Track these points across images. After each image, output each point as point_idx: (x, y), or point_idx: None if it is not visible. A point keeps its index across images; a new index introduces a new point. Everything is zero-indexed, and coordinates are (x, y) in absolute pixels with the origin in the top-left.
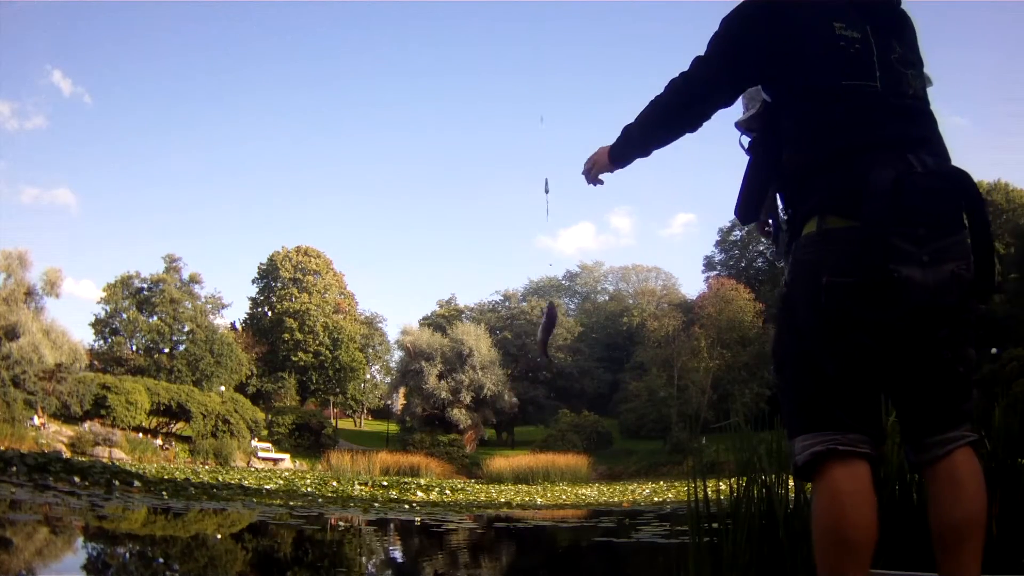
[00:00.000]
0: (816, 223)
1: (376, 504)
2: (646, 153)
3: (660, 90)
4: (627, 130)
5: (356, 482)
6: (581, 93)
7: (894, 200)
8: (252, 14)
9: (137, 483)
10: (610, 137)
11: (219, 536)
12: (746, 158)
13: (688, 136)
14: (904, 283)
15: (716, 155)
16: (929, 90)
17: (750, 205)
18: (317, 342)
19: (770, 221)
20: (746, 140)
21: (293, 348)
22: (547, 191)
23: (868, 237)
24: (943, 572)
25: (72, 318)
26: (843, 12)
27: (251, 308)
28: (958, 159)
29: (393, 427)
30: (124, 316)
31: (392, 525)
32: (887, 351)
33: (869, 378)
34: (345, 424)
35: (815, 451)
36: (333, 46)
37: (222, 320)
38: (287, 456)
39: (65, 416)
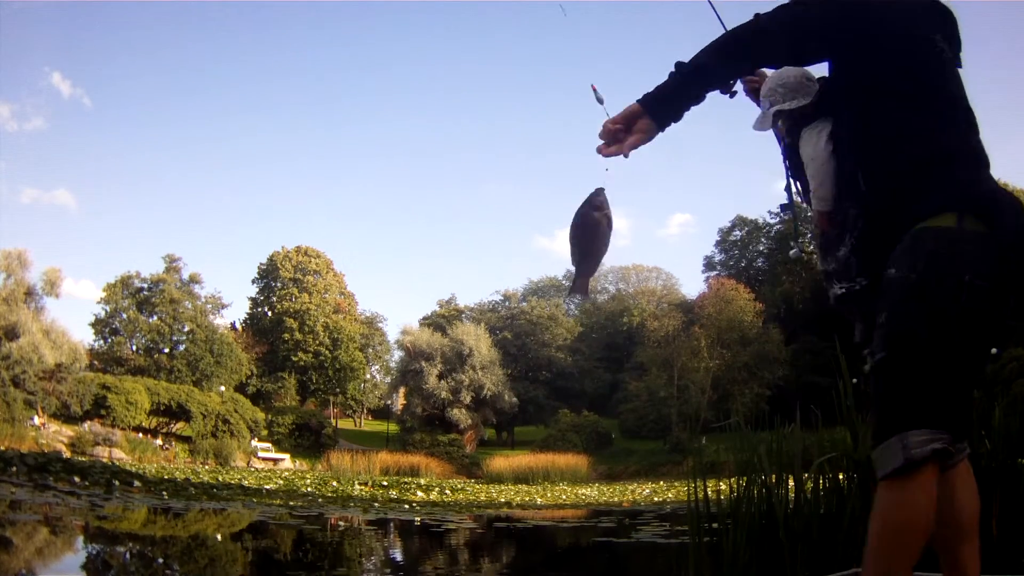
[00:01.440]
0: (955, 219)
1: (376, 504)
2: (706, 84)
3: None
4: (694, 63)
5: (356, 482)
6: (583, 88)
7: (1020, 228)
8: (251, 13)
9: (137, 483)
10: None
11: (219, 536)
12: (758, 151)
13: (685, 137)
14: (1014, 306)
15: (715, 155)
16: None
17: (832, 189)
18: (317, 342)
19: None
20: (783, 129)
21: (293, 348)
22: (601, 101)
23: (1008, 251)
24: (945, 568)
25: (72, 318)
26: (930, 19)
27: (251, 308)
28: None
29: (393, 427)
30: (124, 316)
31: (392, 525)
32: (985, 358)
33: (977, 379)
34: (345, 424)
35: (935, 447)
36: (331, 45)
37: (222, 320)
38: (287, 456)
39: (65, 416)
